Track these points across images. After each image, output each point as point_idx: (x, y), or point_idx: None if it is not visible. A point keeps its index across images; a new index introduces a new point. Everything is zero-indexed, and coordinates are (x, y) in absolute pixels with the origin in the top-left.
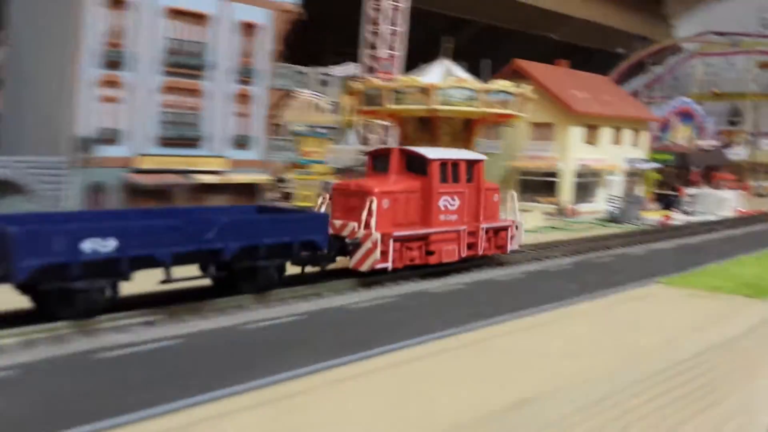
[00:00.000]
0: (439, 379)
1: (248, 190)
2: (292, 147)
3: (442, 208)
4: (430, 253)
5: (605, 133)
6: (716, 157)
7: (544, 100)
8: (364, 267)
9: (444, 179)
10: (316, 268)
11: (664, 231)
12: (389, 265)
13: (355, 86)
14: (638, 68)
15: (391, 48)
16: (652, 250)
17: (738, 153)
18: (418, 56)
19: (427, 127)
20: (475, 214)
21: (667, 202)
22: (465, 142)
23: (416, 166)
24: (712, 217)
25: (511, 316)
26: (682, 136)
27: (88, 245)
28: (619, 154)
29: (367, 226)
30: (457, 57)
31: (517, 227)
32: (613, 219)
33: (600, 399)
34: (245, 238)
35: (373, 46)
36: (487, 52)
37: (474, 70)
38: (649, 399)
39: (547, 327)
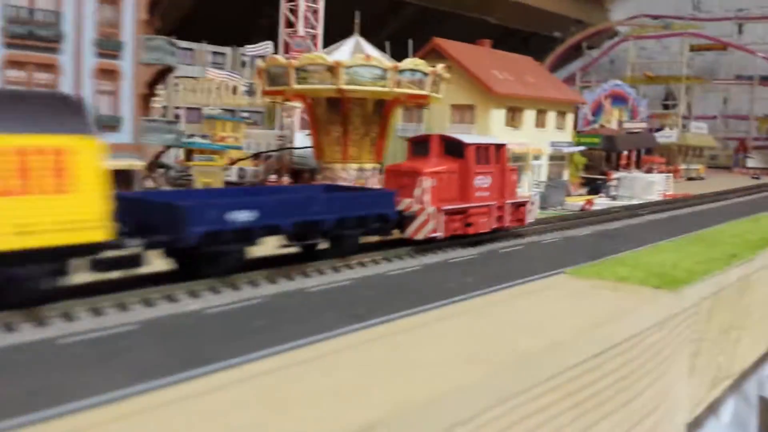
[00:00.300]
0: (265, 404)
1: (119, 177)
2: (172, 129)
3: (477, 186)
4: (468, 224)
5: (528, 116)
6: (645, 140)
7: (464, 81)
8: (420, 236)
9: (478, 161)
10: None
11: (585, 216)
12: (441, 234)
13: (258, 65)
14: (575, 52)
15: (311, 26)
16: (567, 237)
17: (668, 136)
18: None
19: (338, 109)
20: (501, 191)
21: (594, 187)
22: (379, 126)
23: (453, 149)
24: (637, 202)
25: (390, 317)
26: (614, 118)
27: (236, 216)
28: (543, 138)
29: (421, 201)
30: (397, 39)
31: (532, 203)
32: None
33: (475, 414)
34: (339, 212)
35: (290, 24)
36: (426, 35)
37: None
38: (540, 408)
39: (428, 329)
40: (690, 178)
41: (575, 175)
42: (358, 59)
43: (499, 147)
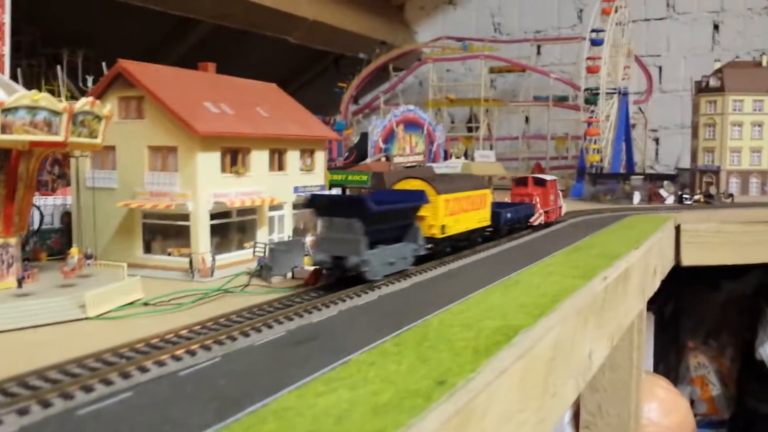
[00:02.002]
0: None
1: None
2: None
3: (550, 200)
4: (548, 218)
5: (258, 159)
6: (422, 173)
7: (163, 117)
8: (535, 223)
9: (550, 188)
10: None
11: (296, 297)
12: (543, 222)
13: None
14: (384, 74)
15: None
16: (228, 354)
17: (454, 165)
18: (148, 61)
19: None
20: (556, 201)
21: None
22: (5, 186)
23: (539, 183)
24: None
25: None
26: (410, 145)
27: (507, 215)
28: (282, 184)
29: (536, 208)
30: (191, 59)
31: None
32: (260, 273)
33: None
34: (524, 213)
35: None
36: (223, 55)
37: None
38: None
39: None
40: None
41: None
42: None
43: (555, 181)
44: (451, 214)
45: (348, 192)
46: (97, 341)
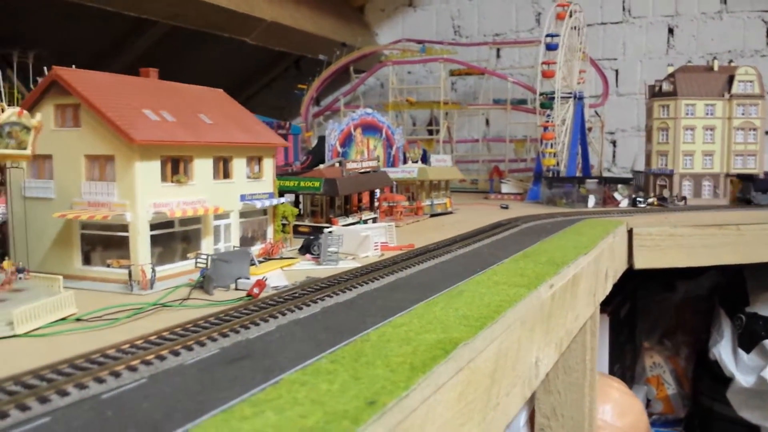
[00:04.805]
0: None
1: None
2: None
3: None
4: None
5: (202, 167)
6: (377, 179)
7: (100, 125)
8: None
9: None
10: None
11: (234, 312)
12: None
13: None
14: (345, 76)
15: None
16: (157, 374)
17: (410, 170)
18: (103, 61)
19: None
20: None
21: (307, 245)
22: None
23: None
24: (346, 265)
25: None
26: (367, 149)
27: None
28: (228, 192)
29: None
30: (146, 60)
31: None
32: (202, 285)
33: None
34: None
35: None
36: (180, 56)
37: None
38: None
39: None
40: (434, 215)
41: (279, 232)
42: None
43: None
44: None
45: (301, 197)
46: (22, 361)
